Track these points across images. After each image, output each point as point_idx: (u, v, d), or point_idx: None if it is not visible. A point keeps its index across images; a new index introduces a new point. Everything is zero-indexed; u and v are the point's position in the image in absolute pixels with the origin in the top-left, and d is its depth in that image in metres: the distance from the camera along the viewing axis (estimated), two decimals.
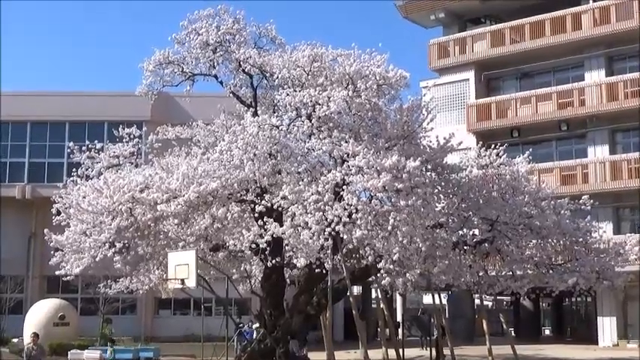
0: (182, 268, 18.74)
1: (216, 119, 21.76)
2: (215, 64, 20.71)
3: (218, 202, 17.98)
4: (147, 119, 34.20)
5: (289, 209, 17.07)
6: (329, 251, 17.20)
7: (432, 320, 32.08)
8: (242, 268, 21.91)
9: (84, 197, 19.09)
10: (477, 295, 29.21)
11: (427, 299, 45.65)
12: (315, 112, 17.57)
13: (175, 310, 39.77)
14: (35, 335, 20.22)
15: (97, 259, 18.59)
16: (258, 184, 17.63)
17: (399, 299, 42.31)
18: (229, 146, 17.52)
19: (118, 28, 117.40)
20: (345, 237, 16.63)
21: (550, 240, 20.24)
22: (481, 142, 24.02)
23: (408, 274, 17.26)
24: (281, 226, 17.19)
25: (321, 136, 17.66)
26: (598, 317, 37.55)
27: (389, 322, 27.53)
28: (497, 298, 43.50)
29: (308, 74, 18.45)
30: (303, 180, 17.16)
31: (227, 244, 19.67)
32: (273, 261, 17.97)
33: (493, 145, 21.84)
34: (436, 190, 18.77)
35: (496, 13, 42.81)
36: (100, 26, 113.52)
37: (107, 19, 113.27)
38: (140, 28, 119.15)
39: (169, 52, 20.70)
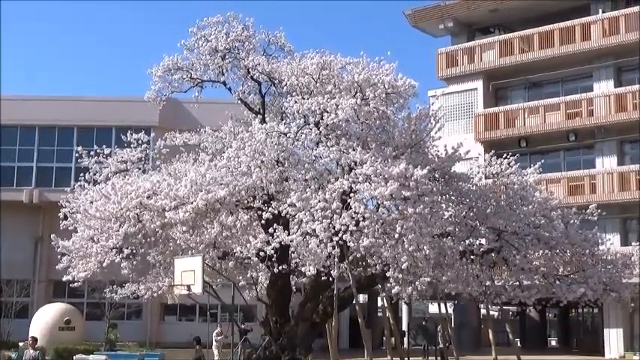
0: (188, 274, 18.77)
1: (224, 126, 21.76)
2: (224, 70, 20.74)
3: (226, 209, 17.97)
4: (155, 125, 34.40)
5: (296, 216, 17.07)
6: (335, 259, 17.17)
7: (438, 329, 32.02)
8: (248, 275, 21.91)
9: (91, 202, 19.10)
10: (482, 305, 29.09)
11: (433, 308, 45.51)
12: (323, 119, 17.57)
13: (181, 315, 39.83)
14: (33, 339, 20.11)
15: (105, 264, 18.60)
16: (265, 191, 17.63)
17: (404, 308, 42.24)
18: (237, 153, 17.54)
19: (127, 30, 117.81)
20: (352, 245, 16.60)
21: (558, 251, 20.18)
22: (490, 152, 23.99)
23: (417, 283, 17.20)
24: (288, 233, 17.18)
25: (328, 144, 17.64)
26: (604, 328, 37.40)
27: (394, 330, 27.45)
28: (504, 308, 43.29)
29: (316, 82, 18.44)
30: (310, 187, 17.14)
31: (234, 252, 19.67)
32: (280, 267, 17.97)
33: (504, 155, 21.78)
34: (443, 198, 18.75)
35: (505, 22, 42.80)
36: (108, 29, 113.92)
37: (116, 22, 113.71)
38: (149, 30, 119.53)
39: (178, 58, 20.74)
